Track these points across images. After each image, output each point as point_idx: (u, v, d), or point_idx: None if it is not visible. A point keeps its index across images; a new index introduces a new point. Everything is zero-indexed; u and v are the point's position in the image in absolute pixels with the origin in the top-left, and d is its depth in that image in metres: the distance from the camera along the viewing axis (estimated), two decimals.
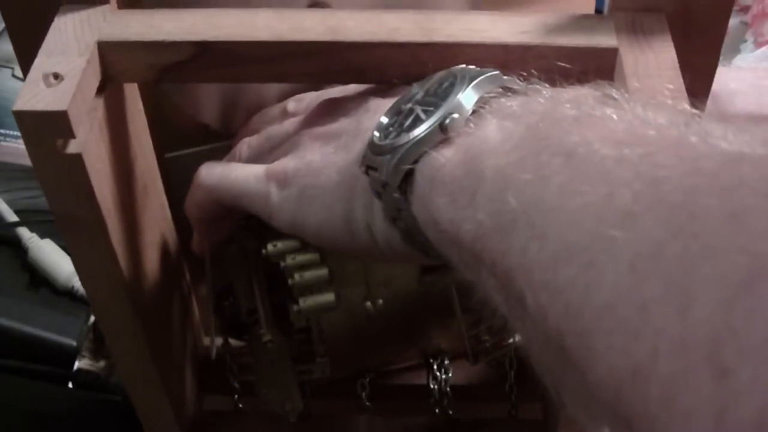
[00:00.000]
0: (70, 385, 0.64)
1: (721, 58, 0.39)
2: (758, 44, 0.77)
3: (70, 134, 0.33)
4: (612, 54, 0.34)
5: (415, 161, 0.31)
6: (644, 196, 0.22)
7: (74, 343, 0.65)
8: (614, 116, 0.26)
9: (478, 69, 0.32)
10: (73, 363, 0.65)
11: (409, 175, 0.31)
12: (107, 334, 0.43)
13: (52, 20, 0.36)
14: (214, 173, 0.40)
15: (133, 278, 0.40)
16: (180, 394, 0.50)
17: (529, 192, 0.25)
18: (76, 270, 0.39)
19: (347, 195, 0.35)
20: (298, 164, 0.37)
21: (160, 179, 0.45)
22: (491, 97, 0.31)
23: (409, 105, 0.33)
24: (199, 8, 0.36)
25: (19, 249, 0.67)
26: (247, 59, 0.36)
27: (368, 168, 0.33)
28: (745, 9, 0.81)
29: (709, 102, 0.49)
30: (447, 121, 0.30)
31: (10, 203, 0.69)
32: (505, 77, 0.32)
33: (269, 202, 0.37)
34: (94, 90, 0.35)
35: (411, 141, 0.31)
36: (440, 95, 0.32)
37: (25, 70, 0.37)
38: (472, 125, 0.30)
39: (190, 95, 0.46)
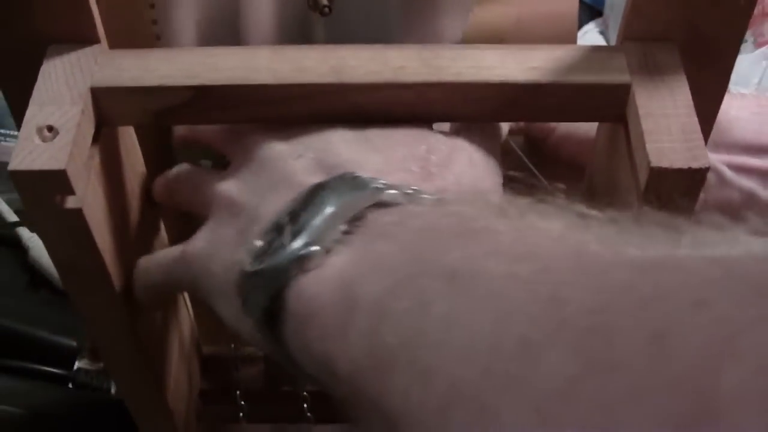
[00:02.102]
0: (70, 385, 0.64)
1: None
2: (758, 44, 0.76)
3: (69, 191, 0.32)
4: (625, 90, 0.33)
5: (277, 295, 0.28)
6: (544, 321, 0.19)
7: (74, 343, 0.65)
8: (501, 227, 0.24)
9: (357, 180, 0.30)
10: (73, 363, 0.65)
11: (278, 309, 0.29)
12: (110, 369, 0.42)
13: (41, 61, 0.34)
14: (140, 265, 0.39)
15: (135, 314, 0.40)
16: (182, 408, 0.50)
17: (408, 324, 0.22)
18: (77, 311, 0.38)
19: (235, 296, 0.32)
20: (203, 243, 0.35)
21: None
22: (365, 214, 0.29)
23: (286, 220, 0.30)
24: (195, 48, 0.35)
25: (19, 249, 0.67)
26: (248, 102, 0.34)
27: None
28: None
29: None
30: (309, 250, 0.28)
31: (10, 203, 0.68)
32: (387, 189, 0.29)
33: (188, 282, 0.36)
34: (90, 140, 0.34)
35: (272, 270, 0.29)
36: (310, 213, 0.29)
37: (16, 115, 0.36)
38: (342, 248, 0.28)
39: None
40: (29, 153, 0.32)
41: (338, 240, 0.28)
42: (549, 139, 0.45)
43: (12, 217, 0.68)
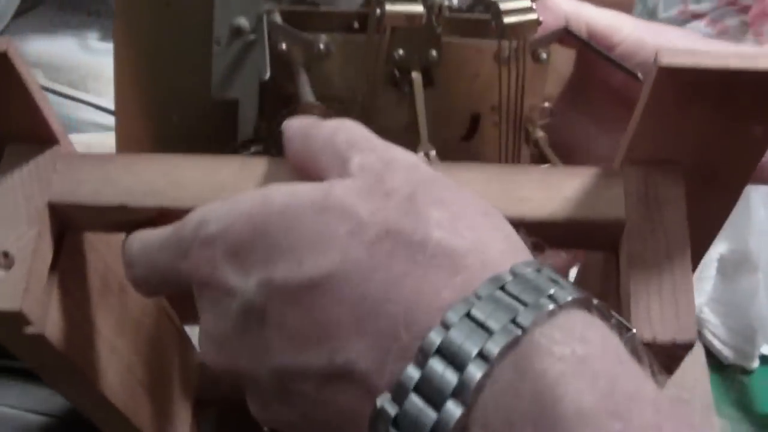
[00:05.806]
0: None
1: None
2: (758, 44, 0.75)
3: (27, 323, 0.31)
4: (618, 227, 0.30)
5: None
6: None
7: None
8: None
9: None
10: None
11: None
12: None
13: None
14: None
15: (122, 387, 0.39)
16: None
17: None
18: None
19: None
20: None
21: None
22: None
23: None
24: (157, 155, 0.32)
25: None
26: None
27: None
28: (745, 9, 0.80)
29: None
30: None
31: None
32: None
33: None
34: (48, 263, 0.32)
35: None
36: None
37: None
38: None
39: None
40: None
41: None
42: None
43: None
